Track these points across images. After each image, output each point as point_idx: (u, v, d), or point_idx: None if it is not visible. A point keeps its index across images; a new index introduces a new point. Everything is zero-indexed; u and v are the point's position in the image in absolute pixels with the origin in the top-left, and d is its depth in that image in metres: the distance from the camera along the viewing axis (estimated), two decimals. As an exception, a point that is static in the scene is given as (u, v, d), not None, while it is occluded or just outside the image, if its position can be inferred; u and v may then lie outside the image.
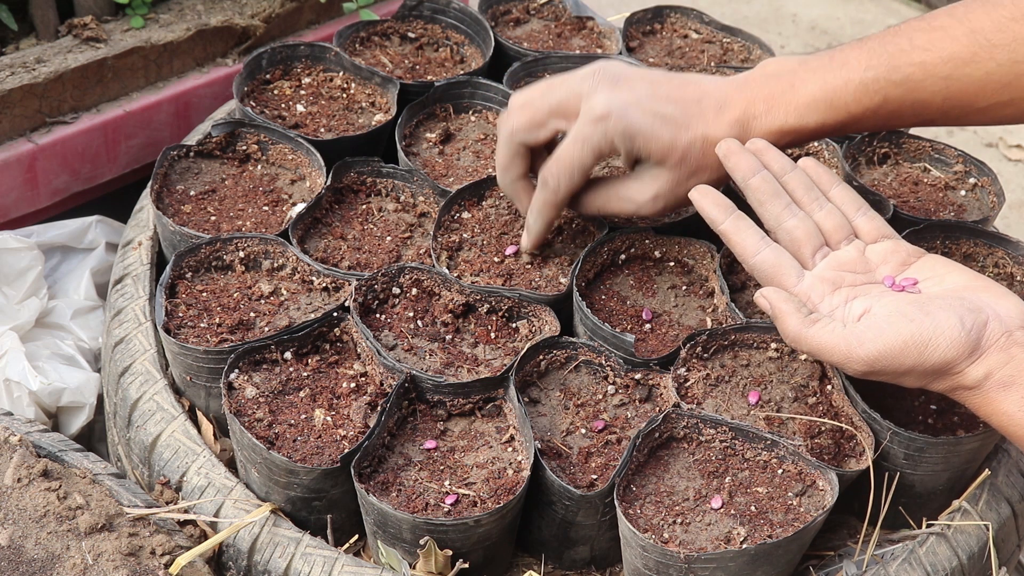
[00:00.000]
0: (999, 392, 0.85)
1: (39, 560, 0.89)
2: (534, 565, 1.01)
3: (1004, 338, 0.85)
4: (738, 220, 0.97)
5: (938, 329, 0.85)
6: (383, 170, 1.20)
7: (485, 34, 1.38)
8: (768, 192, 0.98)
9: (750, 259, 0.96)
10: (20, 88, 1.29)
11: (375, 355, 1.01)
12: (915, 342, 0.85)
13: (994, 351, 0.85)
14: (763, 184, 0.98)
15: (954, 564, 0.98)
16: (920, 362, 0.85)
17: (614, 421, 1.00)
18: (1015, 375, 0.84)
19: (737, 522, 0.92)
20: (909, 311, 0.87)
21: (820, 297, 0.93)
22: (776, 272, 0.95)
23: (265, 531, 0.95)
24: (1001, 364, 0.85)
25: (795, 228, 0.97)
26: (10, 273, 1.31)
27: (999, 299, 0.89)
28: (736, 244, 0.96)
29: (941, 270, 0.94)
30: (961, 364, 0.85)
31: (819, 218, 0.98)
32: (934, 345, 0.85)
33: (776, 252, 0.95)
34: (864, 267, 0.95)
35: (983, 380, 0.85)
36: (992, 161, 2.45)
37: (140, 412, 1.05)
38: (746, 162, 0.98)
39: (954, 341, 0.84)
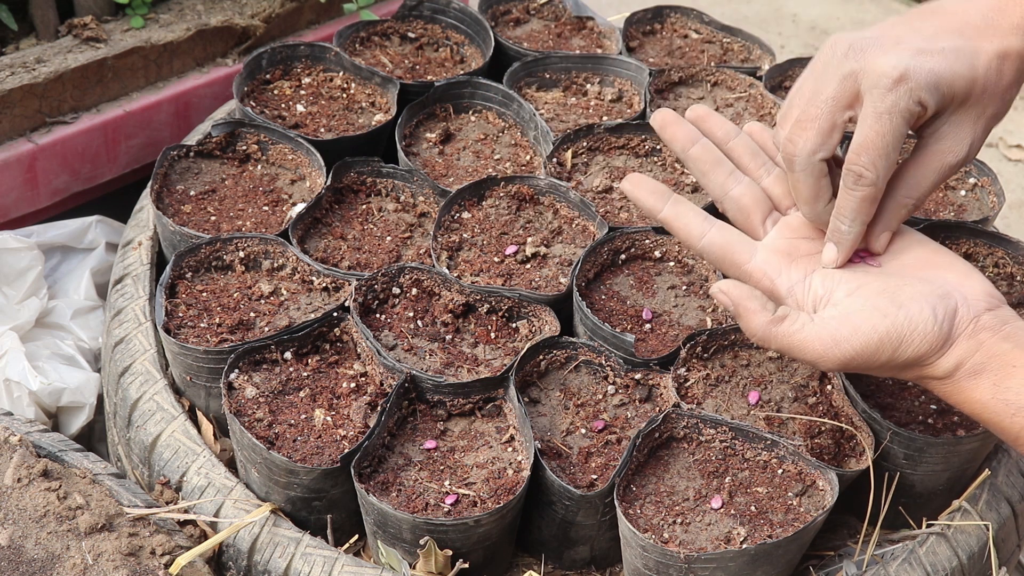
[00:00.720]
0: (969, 380, 0.83)
1: (39, 560, 0.89)
2: (534, 565, 1.01)
3: (972, 324, 0.84)
4: (677, 204, 0.92)
5: (911, 323, 0.83)
6: (383, 170, 1.20)
7: (485, 34, 1.38)
8: (710, 161, 0.94)
9: (696, 243, 0.91)
10: (20, 88, 1.29)
11: (375, 355, 1.01)
12: (890, 338, 0.83)
13: (963, 339, 0.83)
14: (704, 153, 0.94)
15: (954, 564, 0.98)
16: (894, 357, 0.84)
17: (614, 421, 1.00)
18: (985, 362, 0.83)
19: (737, 522, 0.92)
20: (881, 304, 0.84)
21: (776, 272, 0.89)
22: (726, 253, 0.90)
23: (265, 531, 0.95)
24: (971, 352, 0.83)
25: (741, 196, 0.93)
26: (10, 273, 1.31)
27: (964, 278, 0.87)
28: (679, 230, 0.92)
29: (898, 239, 0.91)
30: (932, 357, 0.84)
31: (767, 184, 0.94)
32: (908, 340, 0.83)
33: (723, 231, 0.91)
34: (818, 232, 0.92)
35: (953, 370, 0.84)
36: (992, 161, 2.45)
37: (140, 412, 1.05)
38: (683, 132, 0.94)
39: (927, 335, 0.83)
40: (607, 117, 1.32)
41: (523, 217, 1.16)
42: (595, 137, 1.24)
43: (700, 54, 1.44)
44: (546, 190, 1.16)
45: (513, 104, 1.28)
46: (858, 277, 0.87)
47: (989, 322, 0.84)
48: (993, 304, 0.86)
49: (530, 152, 1.26)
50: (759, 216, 0.93)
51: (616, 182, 1.21)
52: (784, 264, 0.90)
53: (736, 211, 0.94)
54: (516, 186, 1.16)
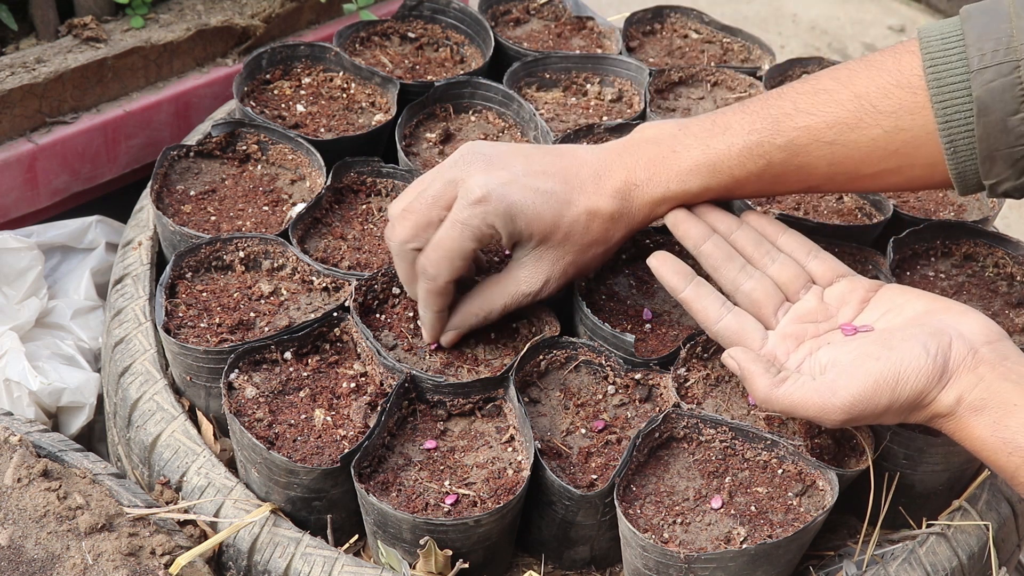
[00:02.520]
0: (971, 417, 0.84)
1: (39, 560, 0.89)
2: (534, 565, 1.01)
3: (970, 357, 0.85)
4: (698, 287, 0.97)
5: (903, 361, 0.84)
6: (383, 170, 1.20)
7: (485, 34, 1.38)
8: (721, 257, 0.98)
9: (712, 327, 0.96)
10: (20, 88, 1.29)
11: (375, 355, 1.01)
12: (885, 379, 0.84)
13: (962, 372, 0.85)
14: (715, 250, 0.98)
15: (954, 564, 0.98)
16: (895, 399, 0.85)
17: (614, 421, 1.00)
18: (986, 398, 0.84)
19: (737, 522, 0.92)
20: (873, 350, 0.86)
21: (785, 355, 0.93)
22: (739, 339, 0.95)
23: (265, 531, 0.95)
24: (971, 386, 0.84)
25: (753, 290, 0.96)
26: (10, 273, 1.31)
27: (960, 317, 0.89)
28: (698, 312, 0.96)
29: (900, 300, 0.93)
30: (933, 392, 0.85)
31: (773, 272, 0.98)
32: (904, 378, 0.84)
33: (738, 317, 0.95)
34: (825, 314, 0.95)
35: (955, 405, 0.84)
36: (992, 161, 2.44)
37: (140, 412, 1.05)
38: (696, 229, 0.98)
39: (921, 369, 0.84)
40: (607, 117, 1.32)
41: (523, 217, 1.16)
42: (595, 137, 1.24)
43: (700, 54, 1.44)
44: (546, 190, 1.16)
45: (513, 104, 1.28)
46: (859, 341, 0.90)
47: (988, 356, 0.85)
48: (992, 337, 0.87)
49: (530, 152, 1.25)
50: (771, 308, 0.96)
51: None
52: (793, 347, 0.93)
53: (749, 304, 0.97)
54: (516, 186, 1.16)
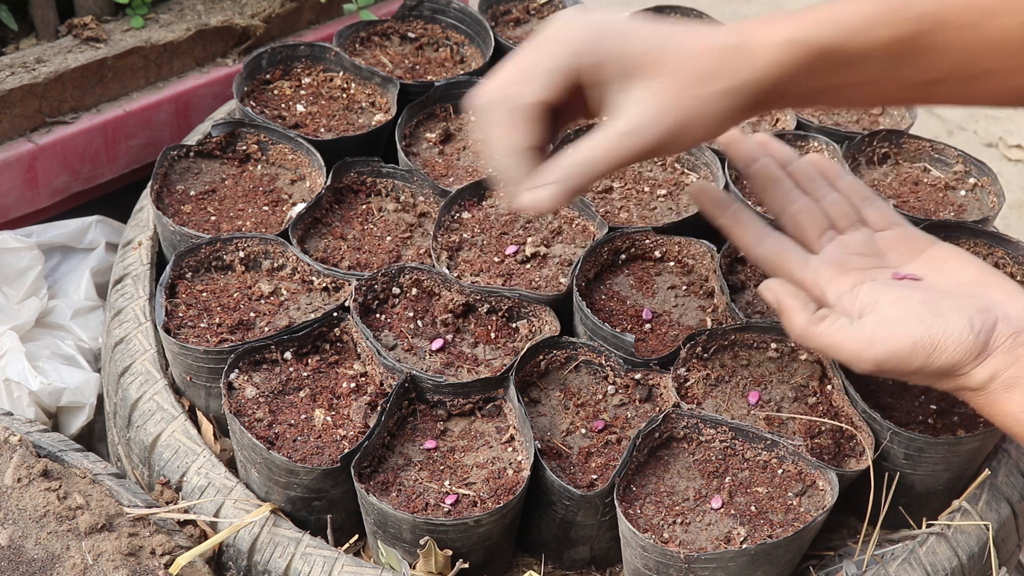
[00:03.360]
0: (1003, 393, 0.84)
1: (39, 560, 0.89)
2: (534, 565, 1.01)
3: (1011, 339, 0.84)
4: (738, 212, 0.95)
5: (948, 331, 0.84)
6: (383, 170, 1.20)
7: (485, 34, 1.38)
8: (770, 178, 0.95)
9: (753, 250, 0.93)
10: (20, 88, 1.29)
11: (375, 355, 1.01)
12: (924, 344, 0.84)
13: (1000, 353, 0.84)
14: (765, 171, 0.96)
15: (954, 564, 0.98)
16: (927, 364, 0.84)
17: (614, 421, 1.00)
18: (1020, 376, 0.83)
19: (737, 522, 0.92)
20: (920, 311, 0.85)
21: (827, 281, 0.90)
22: (780, 260, 0.92)
23: (265, 531, 0.95)
24: (1006, 366, 0.84)
25: (799, 212, 0.94)
26: (10, 273, 1.31)
27: (1009, 297, 0.88)
28: (737, 236, 0.94)
29: (952, 262, 0.92)
30: (968, 367, 0.84)
31: (825, 205, 0.96)
32: (942, 348, 0.84)
33: (779, 240, 0.93)
34: (872, 250, 0.93)
35: (988, 382, 0.84)
36: (992, 161, 2.45)
37: (140, 412, 1.05)
38: (747, 148, 0.96)
39: (962, 344, 0.83)
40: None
41: (523, 217, 1.16)
42: (595, 137, 1.24)
43: (700, 54, 1.44)
44: (546, 190, 1.16)
45: (513, 104, 1.28)
46: (905, 290, 0.88)
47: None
48: None
49: (530, 152, 1.25)
50: (815, 232, 0.94)
51: (616, 182, 1.21)
52: (835, 276, 0.91)
53: (793, 227, 0.95)
54: (516, 186, 1.16)
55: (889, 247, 0.94)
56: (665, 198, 1.20)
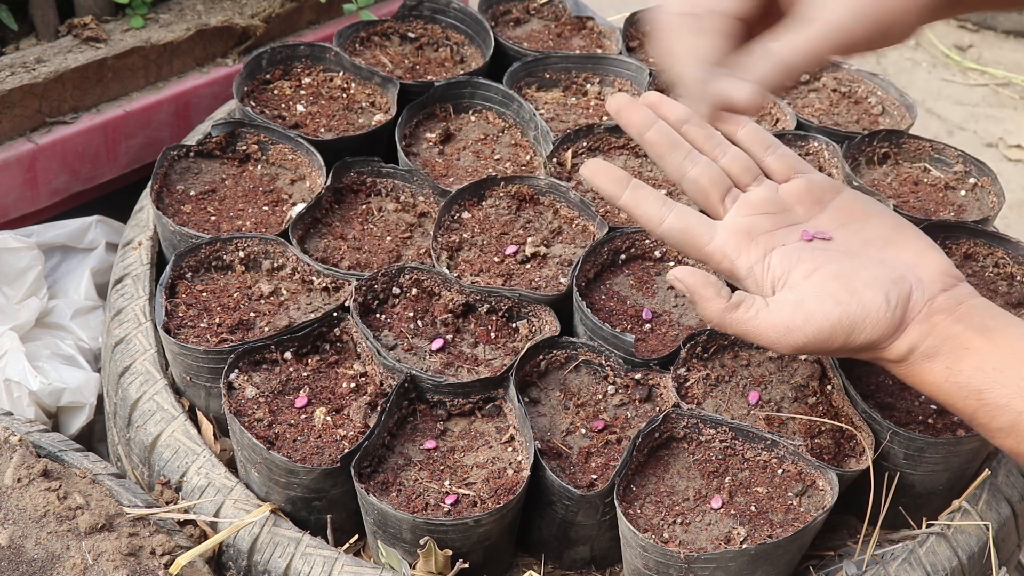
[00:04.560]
0: (924, 363, 0.84)
1: (39, 560, 0.89)
2: (534, 565, 1.01)
3: (926, 307, 0.84)
4: (636, 190, 0.91)
5: (865, 311, 0.83)
6: (383, 170, 1.20)
7: (485, 34, 1.38)
8: (666, 144, 0.93)
9: (656, 229, 0.91)
10: (20, 88, 1.29)
11: (375, 355, 1.01)
12: (842, 325, 0.83)
13: (916, 323, 0.84)
14: (659, 137, 0.93)
15: (954, 564, 0.98)
16: (847, 343, 0.84)
17: (614, 421, 1.00)
18: (938, 345, 0.83)
19: (737, 522, 0.92)
20: (834, 290, 0.84)
21: (736, 252, 0.89)
22: (685, 236, 0.90)
23: (265, 531, 0.95)
24: (924, 335, 0.83)
25: (700, 176, 0.92)
26: (10, 273, 1.31)
27: (921, 256, 0.87)
28: (640, 217, 0.91)
29: (860, 214, 0.91)
30: (886, 341, 0.84)
31: (725, 163, 0.93)
32: (861, 326, 0.83)
33: (681, 215, 0.90)
34: (778, 206, 0.91)
35: (907, 354, 0.84)
36: (992, 161, 2.45)
37: (140, 412, 1.05)
38: (639, 115, 0.93)
39: (880, 321, 0.83)
40: (607, 117, 1.32)
41: (523, 217, 1.16)
42: (595, 137, 1.24)
43: (700, 54, 1.44)
44: (546, 190, 1.16)
45: (513, 104, 1.28)
46: (816, 257, 0.87)
47: (944, 303, 0.84)
48: (948, 284, 0.86)
49: (530, 152, 1.26)
50: (718, 195, 0.92)
51: (616, 182, 1.21)
52: (744, 244, 0.89)
53: (695, 191, 0.93)
54: (516, 186, 1.16)
55: (795, 200, 0.92)
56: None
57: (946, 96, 2.66)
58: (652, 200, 0.91)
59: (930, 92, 2.67)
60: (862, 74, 1.39)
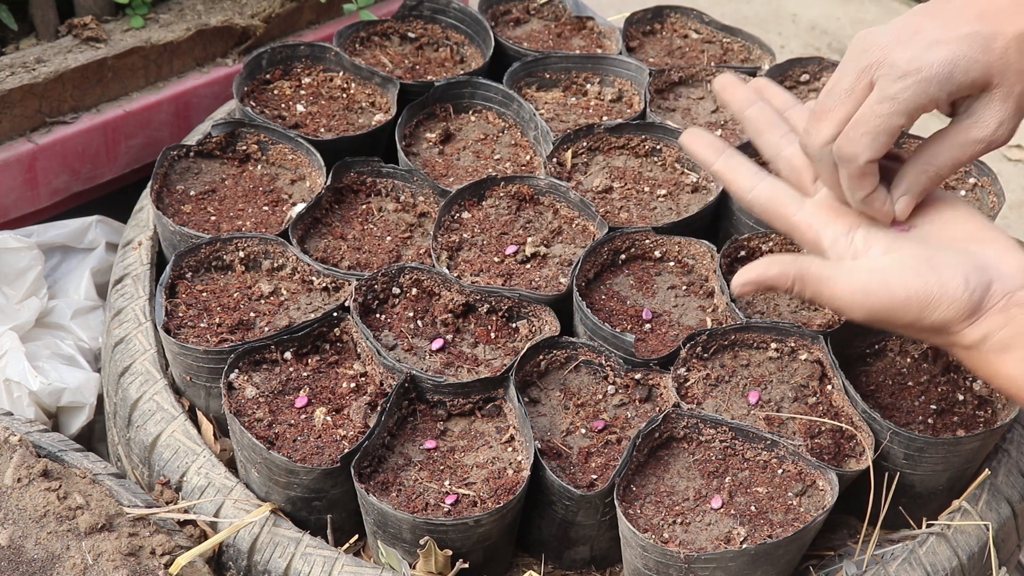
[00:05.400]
0: (998, 355, 0.83)
1: (39, 560, 0.89)
2: (534, 565, 1.01)
3: (1005, 299, 0.83)
4: (730, 158, 0.94)
5: (943, 288, 0.83)
6: (383, 170, 1.20)
7: (485, 34, 1.38)
8: (765, 122, 0.94)
9: (746, 195, 0.92)
10: (20, 88, 1.29)
11: (375, 355, 1.01)
12: (918, 299, 0.83)
13: (993, 312, 0.83)
14: (760, 115, 0.94)
15: (954, 564, 0.98)
16: (920, 319, 0.84)
17: (614, 421, 1.00)
18: (1013, 337, 0.83)
19: (737, 522, 0.92)
20: (915, 264, 0.84)
21: (822, 225, 0.90)
22: (773, 204, 0.92)
23: (265, 531, 0.95)
24: (999, 326, 0.83)
25: (794, 155, 0.93)
26: (10, 273, 1.31)
27: (1005, 254, 0.87)
28: (731, 183, 0.93)
29: (949, 213, 0.91)
30: (960, 324, 0.84)
31: None
32: (936, 303, 0.83)
33: (772, 184, 0.92)
34: None
35: (980, 342, 0.84)
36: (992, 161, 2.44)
37: (140, 412, 1.05)
38: (743, 93, 0.95)
39: (955, 302, 0.83)
40: (607, 117, 1.32)
41: (523, 217, 1.16)
42: (595, 137, 1.24)
43: (700, 54, 1.44)
44: (546, 190, 1.16)
45: (513, 104, 1.28)
46: (899, 240, 0.88)
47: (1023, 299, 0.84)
48: None
49: (530, 152, 1.26)
50: (810, 175, 0.93)
51: (616, 182, 1.21)
52: (831, 218, 0.90)
53: (788, 170, 0.94)
54: (516, 186, 1.16)
55: None
56: (665, 198, 1.20)
57: (946, 96, 2.66)
58: (744, 168, 0.93)
59: (930, 92, 2.66)
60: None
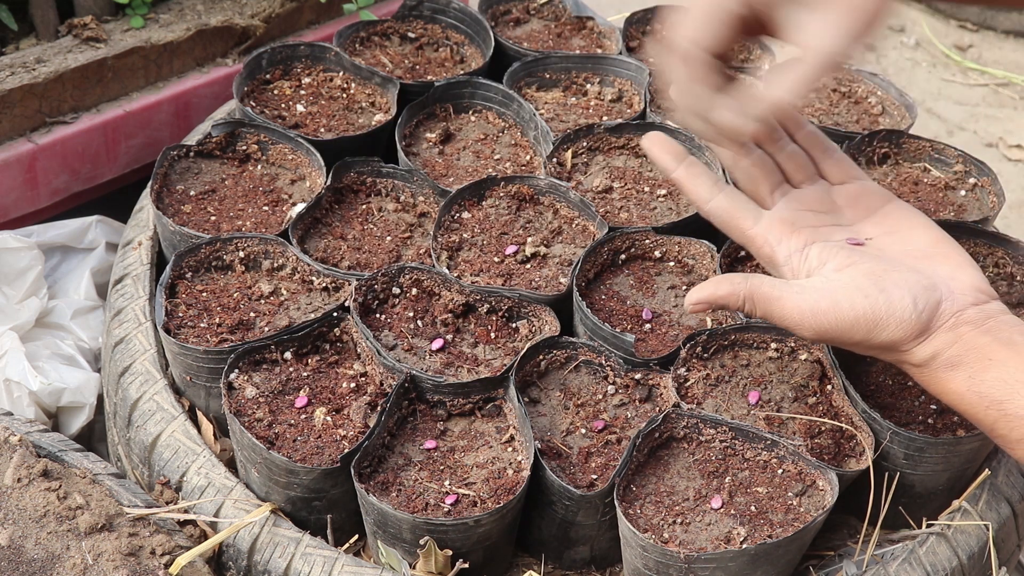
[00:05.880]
0: (946, 372, 0.85)
1: (39, 560, 0.89)
2: (534, 565, 1.01)
3: (954, 318, 0.85)
4: (690, 167, 0.95)
5: (891, 309, 0.84)
6: (383, 170, 1.20)
7: (485, 34, 1.38)
8: None
9: (704, 206, 0.94)
10: (20, 88, 1.29)
11: (375, 355, 1.01)
12: (866, 319, 0.84)
13: (942, 332, 0.84)
14: None
15: (954, 564, 0.98)
16: (868, 338, 0.85)
17: (614, 421, 1.00)
18: (962, 355, 0.84)
19: (737, 522, 0.92)
20: (864, 284, 0.85)
21: (777, 240, 0.91)
22: (731, 216, 0.93)
23: (265, 531, 0.95)
24: (948, 344, 0.84)
25: (752, 165, 0.94)
26: (10, 273, 1.31)
27: (957, 271, 0.88)
28: (690, 192, 0.94)
29: (905, 225, 0.92)
30: (909, 344, 0.85)
31: (781, 159, 0.96)
32: (884, 324, 0.84)
33: (730, 197, 0.93)
34: (827, 207, 0.94)
35: (929, 360, 0.85)
36: (992, 161, 2.45)
37: (140, 412, 1.05)
38: None
39: (904, 323, 0.84)
40: (607, 117, 1.32)
41: (523, 217, 1.16)
42: (595, 137, 1.24)
43: (700, 54, 1.44)
44: (546, 190, 1.16)
45: (513, 104, 1.28)
46: (852, 256, 0.88)
47: (972, 316, 0.85)
48: (980, 300, 0.87)
49: (530, 152, 1.26)
50: (768, 186, 0.95)
51: (616, 182, 1.21)
52: (786, 233, 0.91)
53: (747, 180, 0.95)
54: (516, 186, 1.16)
55: (845, 203, 0.94)
56: (665, 198, 1.20)
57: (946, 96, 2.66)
58: (704, 178, 0.94)
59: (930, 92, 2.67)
60: (862, 74, 1.39)
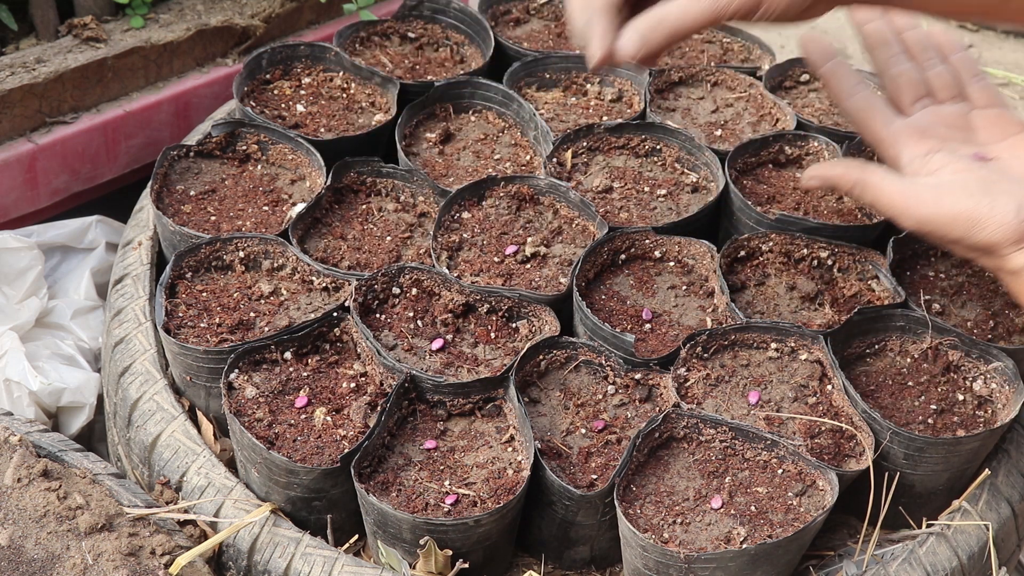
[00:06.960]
0: None
1: (39, 560, 0.89)
2: (534, 565, 1.01)
3: None
4: (838, 65, 0.97)
5: (993, 211, 0.84)
6: (383, 170, 1.20)
7: (485, 34, 1.38)
8: (878, 39, 0.98)
9: (844, 101, 0.96)
10: (20, 88, 1.29)
11: (375, 355, 1.01)
12: (966, 217, 0.85)
13: None
14: (875, 31, 0.98)
15: (954, 564, 0.98)
16: (966, 237, 0.85)
17: (614, 421, 1.00)
18: None
19: (737, 522, 0.92)
20: (973, 187, 0.86)
21: (904, 143, 0.93)
22: (867, 114, 0.95)
23: (265, 531, 0.95)
24: None
25: (899, 75, 0.97)
26: (10, 273, 1.31)
27: None
28: (832, 87, 0.97)
29: None
30: (1007, 249, 0.85)
31: (930, 75, 0.98)
32: (982, 224, 0.84)
33: (870, 96, 0.96)
34: (963, 125, 0.95)
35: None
36: (992, 161, 2.44)
37: (140, 412, 1.05)
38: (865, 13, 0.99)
39: (1003, 226, 0.84)
40: (607, 117, 1.32)
41: (523, 217, 1.16)
42: (595, 137, 1.24)
43: (700, 54, 1.44)
44: (546, 190, 1.16)
45: (513, 104, 1.28)
46: (972, 165, 0.89)
47: None
48: None
49: (530, 152, 1.26)
50: (910, 97, 0.96)
51: (616, 182, 1.21)
52: (915, 138, 0.93)
53: (892, 88, 0.97)
54: (516, 186, 1.16)
55: (982, 125, 0.96)
56: (665, 198, 1.20)
57: (946, 96, 2.66)
58: (848, 76, 0.96)
59: (930, 92, 2.67)
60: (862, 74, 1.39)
